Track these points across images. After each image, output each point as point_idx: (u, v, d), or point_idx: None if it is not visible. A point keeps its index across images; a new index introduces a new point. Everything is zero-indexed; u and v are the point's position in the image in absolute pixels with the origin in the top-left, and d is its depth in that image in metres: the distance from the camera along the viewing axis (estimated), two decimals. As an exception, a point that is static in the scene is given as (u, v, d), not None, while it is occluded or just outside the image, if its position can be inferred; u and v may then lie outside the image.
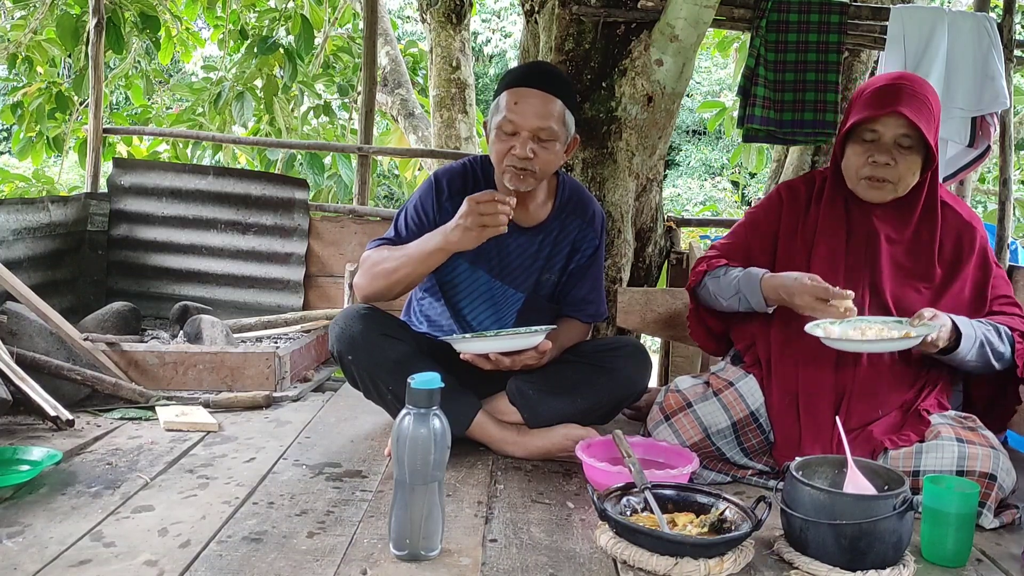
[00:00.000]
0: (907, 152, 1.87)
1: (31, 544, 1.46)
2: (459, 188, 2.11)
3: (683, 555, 1.43)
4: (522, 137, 1.95)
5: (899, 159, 1.87)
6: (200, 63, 8.00)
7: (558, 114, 1.98)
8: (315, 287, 3.55)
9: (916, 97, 1.86)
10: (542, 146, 1.97)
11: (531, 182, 2.01)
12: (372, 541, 1.52)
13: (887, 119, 1.85)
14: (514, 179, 1.99)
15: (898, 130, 1.85)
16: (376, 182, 9.76)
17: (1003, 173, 2.80)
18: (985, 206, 9.33)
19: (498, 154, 1.99)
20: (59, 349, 2.45)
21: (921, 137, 1.84)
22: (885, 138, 1.87)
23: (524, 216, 2.11)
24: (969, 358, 1.82)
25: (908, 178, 1.89)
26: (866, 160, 1.89)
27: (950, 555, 1.54)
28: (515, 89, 1.97)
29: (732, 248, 2.12)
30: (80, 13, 4.78)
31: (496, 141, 1.99)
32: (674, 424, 1.95)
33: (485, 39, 14.25)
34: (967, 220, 1.98)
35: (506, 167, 1.98)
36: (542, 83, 1.97)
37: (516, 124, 1.94)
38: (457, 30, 5.61)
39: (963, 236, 1.96)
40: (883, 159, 1.86)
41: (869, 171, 1.89)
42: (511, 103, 1.96)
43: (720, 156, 13.99)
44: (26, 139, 5.51)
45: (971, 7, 3.23)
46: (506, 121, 1.95)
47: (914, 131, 1.84)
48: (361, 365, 2.03)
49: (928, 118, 1.85)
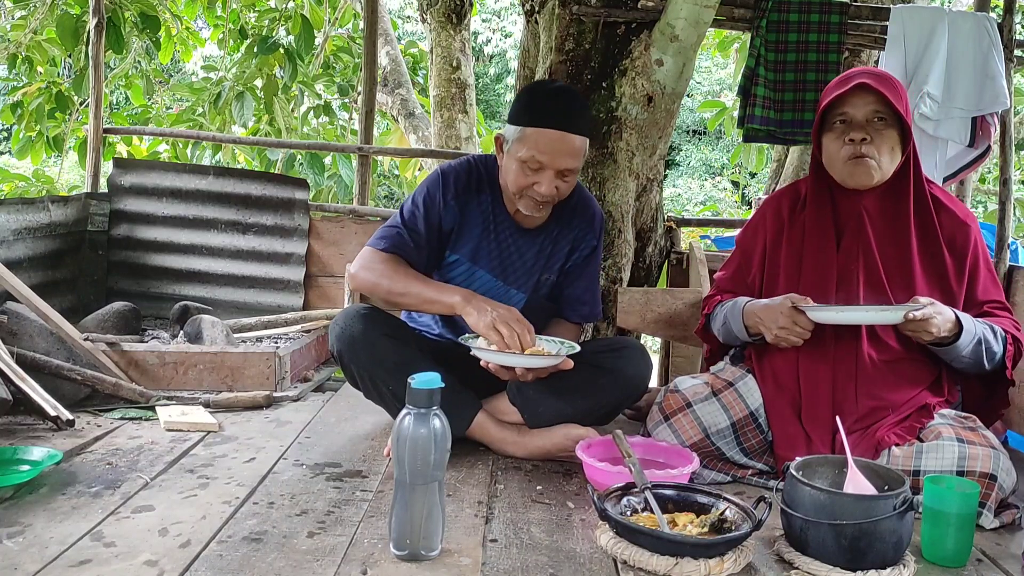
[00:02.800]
0: (882, 127, 1.89)
1: (31, 544, 1.46)
2: (464, 187, 2.11)
3: (683, 555, 1.43)
4: (547, 175, 1.96)
5: (875, 135, 1.89)
6: (200, 63, 8.00)
7: (583, 148, 2.00)
8: (315, 287, 3.55)
9: (878, 75, 1.92)
10: (564, 181, 2.00)
11: (547, 213, 2.09)
12: (372, 541, 1.52)
13: (855, 98, 1.89)
14: (531, 207, 2.02)
15: (868, 107, 1.89)
16: (376, 182, 9.75)
17: (1003, 173, 2.79)
18: (985, 206, 9.33)
19: (518, 184, 2.00)
20: (59, 349, 2.45)
21: (893, 111, 1.86)
22: (858, 117, 1.90)
23: (526, 218, 2.12)
24: (965, 354, 1.83)
25: (887, 154, 1.90)
26: (843, 141, 1.91)
27: (950, 555, 1.54)
28: (544, 131, 1.94)
29: (728, 280, 2.15)
30: (80, 13, 4.78)
31: (518, 172, 1.98)
32: (674, 424, 1.95)
33: (485, 39, 14.25)
34: (962, 219, 1.97)
35: (525, 196, 2.01)
36: (570, 125, 1.96)
37: (543, 164, 1.96)
38: (457, 30, 5.61)
39: (957, 234, 1.96)
40: (859, 135, 1.89)
41: (848, 150, 1.90)
42: (539, 142, 1.94)
43: (720, 156, 13.99)
44: (25, 138, 5.51)
45: (971, 7, 3.23)
46: (533, 160, 1.95)
47: (884, 106, 1.86)
48: (361, 365, 2.03)
49: (895, 93, 1.88)
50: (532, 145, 1.95)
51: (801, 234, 2.02)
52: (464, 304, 1.92)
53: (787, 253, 2.03)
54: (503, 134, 2.05)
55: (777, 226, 2.07)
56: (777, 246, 2.05)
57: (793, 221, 2.05)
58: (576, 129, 1.97)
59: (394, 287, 2.01)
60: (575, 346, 2.00)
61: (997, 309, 1.96)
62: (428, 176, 2.18)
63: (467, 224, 2.13)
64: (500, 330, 1.86)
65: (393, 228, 2.10)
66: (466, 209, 2.12)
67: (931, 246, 1.95)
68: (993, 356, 1.87)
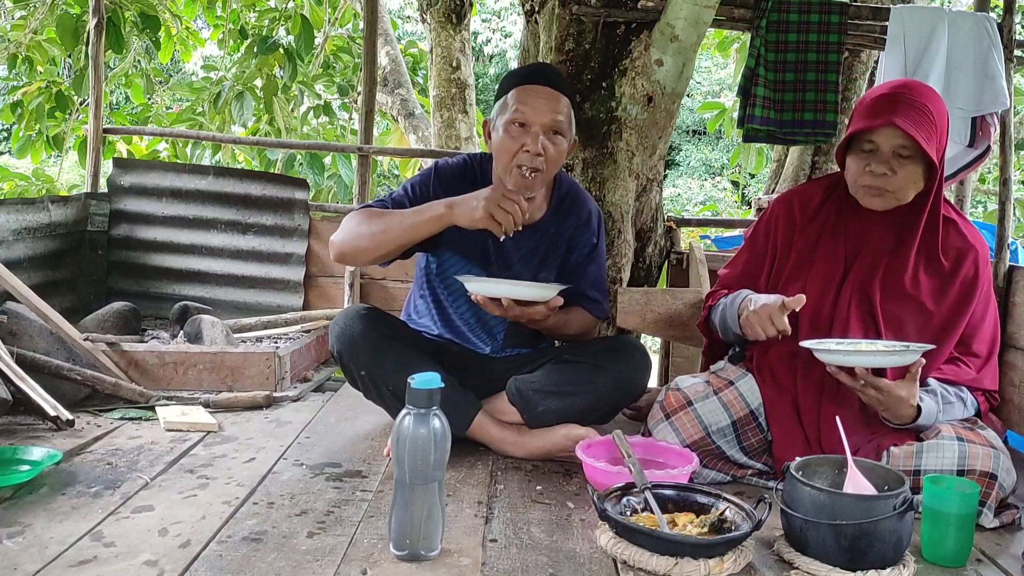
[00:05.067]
0: (906, 161, 1.83)
1: (31, 544, 1.46)
2: (457, 182, 2.10)
3: (683, 555, 1.43)
4: (533, 132, 1.95)
5: (898, 169, 1.83)
6: (200, 63, 8.00)
7: (566, 110, 2.00)
8: (315, 287, 3.55)
9: (914, 106, 1.81)
10: (552, 141, 1.98)
11: (538, 184, 2.02)
12: (372, 541, 1.52)
13: (883, 130, 1.82)
14: (521, 180, 1.98)
15: (895, 141, 1.82)
16: (376, 182, 9.75)
17: (1003, 173, 2.79)
18: (985, 206, 9.34)
19: (507, 152, 1.98)
20: (59, 349, 2.45)
21: (921, 149, 1.79)
22: (883, 148, 1.83)
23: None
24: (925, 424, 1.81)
25: (908, 187, 1.86)
26: (863, 169, 1.86)
27: (950, 555, 1.54)
28: (524, 87, 1.98)
29: (735, 278, 2.11)
30: (80, 13, 4.78)
31: (505, 139, 1.98)
32: (674, 423, 1.95)
33: (485, 39, 14.25)
34: (971, 243, 1.93)
35: (515, 166, 1.98)
36: (550, 80, 2.00)
37: (528, 118, 1.95)
38: (457, 30, 5.61)
39: (962, 258, 1.92)
40: (880, 169, 1.83)
41: (867, 180, 1.86)
42: (521, 99, 1.96)
43: (720, 156, 13.99)
44: (25, 137, 5.51)
45: (971, 7, 3.23)
46: (518, 115, 1.95)
47: (911, 141, 1.80)
48: (361, 365, 2.03)
49: (928, 127, 1.80)
50: (515, 103, 1.97)
51: (815, 240, 1.99)
52: (449, 210, 1.87)
53: (797, 257, 2.00)
54: (489, 118, 2.06)
55: (788, 229, 2.04)
56: (788, 249, 2.03)
57: (807, 225, 2.02)
58: (555, 85, 1.99)
59: (373, 228, 1.94)
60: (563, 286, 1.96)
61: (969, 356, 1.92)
62: (424, 169, 2.18)
63: None
64: (496, 216, 1.80)
65: (377, 201, 2.09)
66: None
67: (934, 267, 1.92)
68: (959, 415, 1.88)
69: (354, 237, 1.97)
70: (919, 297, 1.90)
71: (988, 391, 1.93)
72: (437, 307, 2.23)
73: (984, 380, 1.92)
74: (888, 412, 1.77)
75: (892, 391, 1.72)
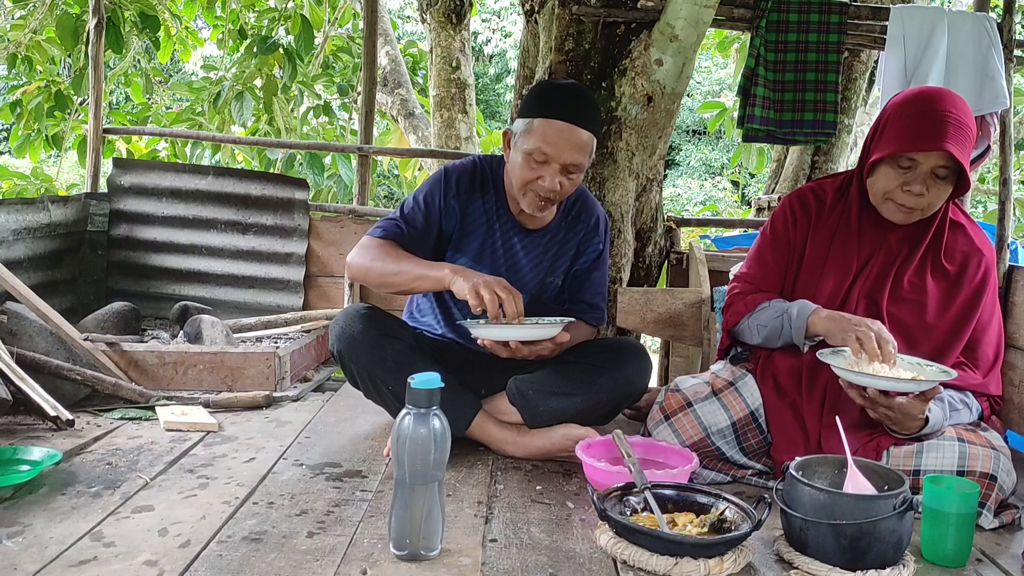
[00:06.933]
0: (941, 182, 1.82)
1: (31, 544, 1.46)
2: (467, 187, 2.11)
3: (683, 555, 1.43)
4: (552, 168, 1.96)
5: (931, 188, 1.82)
6: (199, 62, 8.00)
7: (590, 146, 1.99)
8: (315, 287, 3.55)
9: (961, 128, 1.78)
10: (569, 178, 1.98)
11: (551, 210, 2.08)
12: (372, 541, 1.52)
13: (931, 153, 1.80)
14: (535, 205, 2.01)
15: (938, 162, 1.80)
16: (376, 182, 9.76)
17: (1003, 173, 2.79)
18: (985, 206, 9.34)
19: (522, 178, 1.99)
20: (59, 349, 2.45)
21: (958, 167, 1.80)
22: (923, 168, 1.81)
23: (530, 218, 2.12)
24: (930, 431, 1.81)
25: (937, 204, 1.86)
26: (899, 186, 1.83)
27: (950, 555, 1.54)
28: (553, 122, 1.94)
29: (761, 277, 2.06)
30: (80, 13, 4.78)
31: (524, 166, 1.98)
32: (674, 424, 1.95)
33: (485, 39, 14.24)
34: (977, 246, 1.94)
35: (529, 191, 2.00)
36: (580, 117, 1.96)
37: (549, 156, 1.95)
38: (457, 30, 5.61)
39: (969, 262, 1.92)
40: (918, 189, 1.82)
41: (904, 199, 1.84)
42: (546, 136, 1.94)
43: (720, 156, 13.99)
44: (24, 136, 5.51)
45: (971, 7, 3.23)
46: (539, 151, 1.95)
47: (954, 163, 1.79)
48: (361, 365, 2.03)
49: (968, 146, 1.80)
50: (539, 136, 1.95)
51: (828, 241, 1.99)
52: (452, 275, 1.91)
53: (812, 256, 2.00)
54: (511, 128, 2.05)
55: (805, 224, 2.02)
56: (803, 245, 2.02)
57: (820, 225, 2.01)
58: (584, 123, 1.96)
59: (386, 268, 2.00)
60: (567, 319, 1.98)
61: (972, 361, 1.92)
62: (433, 174, 2.18)
63: (469, 224, 2.13)
64: (482, 294, 1.82)
65: (391, 220, 2.10)
66: (468, 209, 2.12)
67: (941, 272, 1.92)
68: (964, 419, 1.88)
69: (367, 270, 2.04)
70: (926, 302, 1.91)
71: (993, 396, 1.93)
72: (440, 306, 2.23)
73: (990, 385, 1.92)
74: (896, 425, 1.77)
75: (904, 408, 1.72)
